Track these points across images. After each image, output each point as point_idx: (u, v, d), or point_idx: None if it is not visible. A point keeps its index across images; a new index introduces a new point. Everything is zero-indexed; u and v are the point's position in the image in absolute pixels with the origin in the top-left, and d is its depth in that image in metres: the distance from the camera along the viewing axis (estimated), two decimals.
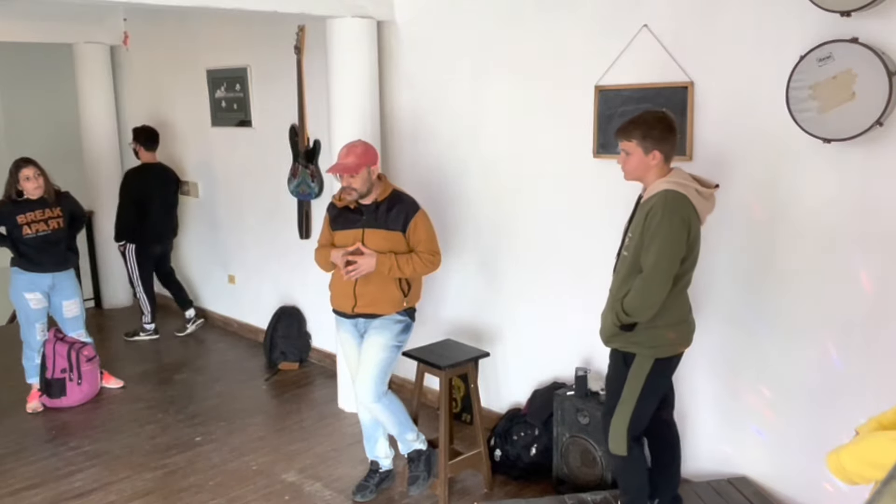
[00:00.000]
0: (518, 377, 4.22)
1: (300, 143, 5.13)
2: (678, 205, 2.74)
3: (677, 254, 2.75)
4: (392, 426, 3.57)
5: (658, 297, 2.76)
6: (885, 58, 2.68)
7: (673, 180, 2.78)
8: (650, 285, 2.74)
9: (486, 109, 4.11)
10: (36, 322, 4.81)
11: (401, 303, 3.48)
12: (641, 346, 2.87)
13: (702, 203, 2.82)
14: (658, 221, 2.72)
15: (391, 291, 3.45)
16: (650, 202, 2.78)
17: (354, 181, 3.36)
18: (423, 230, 3.44)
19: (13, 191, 4.61)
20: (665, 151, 2.81)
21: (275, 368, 5.43)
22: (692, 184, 2.80)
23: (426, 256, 3.43)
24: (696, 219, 2.80)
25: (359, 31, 4.25)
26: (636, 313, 2.80)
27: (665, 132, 2.81)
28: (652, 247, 2.74)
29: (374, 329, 3.50)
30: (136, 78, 6.91)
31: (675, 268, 2.77)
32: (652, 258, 2.73)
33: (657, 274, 2.73)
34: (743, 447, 3.40)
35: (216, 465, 4.06)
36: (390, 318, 3.49)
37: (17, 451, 4.27)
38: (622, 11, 3.45)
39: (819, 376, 3.12)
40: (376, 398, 3.47)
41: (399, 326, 3.52)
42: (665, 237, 2.71)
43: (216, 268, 6.41)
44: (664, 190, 2.76)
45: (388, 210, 3.42)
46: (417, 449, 3.65)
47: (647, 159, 2.82)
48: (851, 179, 2.92)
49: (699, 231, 2.85)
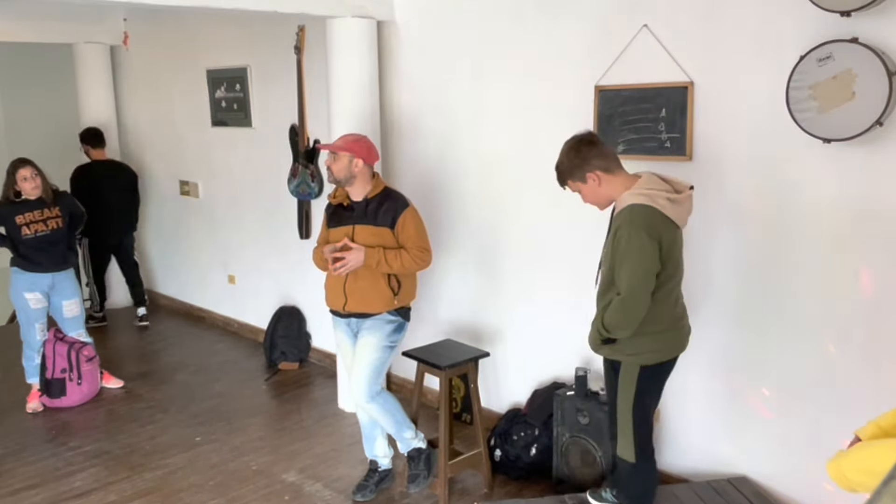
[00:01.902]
0: (518, 377, 4.22)
1: (300, 143, 5.13)
2: (644, 220, 2.66)
3: (650, 270, 2.68)
4: (389, 425, 3.58)
5: (636, 316, 2.72)
6: (885, 58, 2.68)
7: (639, 192, 2.71)
8: (626, 307, 2.71)
9: (486, 109, 4.11)
10: (36, 322, 4.81)
11: (391, 302, 3.46)
12: (624, 354, 2.85)
13: (675, 209, 2.72)
14: (627, 241, 2.66)
15: (381, 289, 3.44)
16: (619, 219, 2.73)
17: (334, 164, 3.40)
18: (411, 226, 3.44)
19: (11, 191, 4.60)
20: (599, 167, 2.76)
21: (275, 368, 5.43)
22: (662, 191, 2.71)
23: (415, 253, 3.42)
24: (669, 228, 2.72)
25: (359, 31, 4.25)
26: (615, 331, 2.77)
27: (581, 153, 2.76)
28: (623, 268, 2.69)
29: (366, 329, 3.50)
30: (136, 78, 6.91)
31: (651, 284, 2.70)
32: (625, 280, 2.69)
33: (632, 295, 2.69)
34: (743, 447, 3.40)
35: (216, 465, 4.06)
36: (382, 318, 3.48)
37: (17, 451, 4.27)
38: (622, 11, 3.45)
39: (819, 376, 3.12)
40: (369, 398, 3.49)
41: (391, 327, 3.51)
42: (635, 256, 2.65)
43: (216, 268, 6.41)
44: (629, 205, 2.70)
45: (377, 207, 3.44)
46: (417, 447, 3.65)
47: (591, 186, 2.79)
48: (851, 179, 2.92)
49: (675, 238, 2.77)
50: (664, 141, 3.37)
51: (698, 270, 3.29)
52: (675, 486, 3.41)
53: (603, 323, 2.80)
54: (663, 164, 3.31)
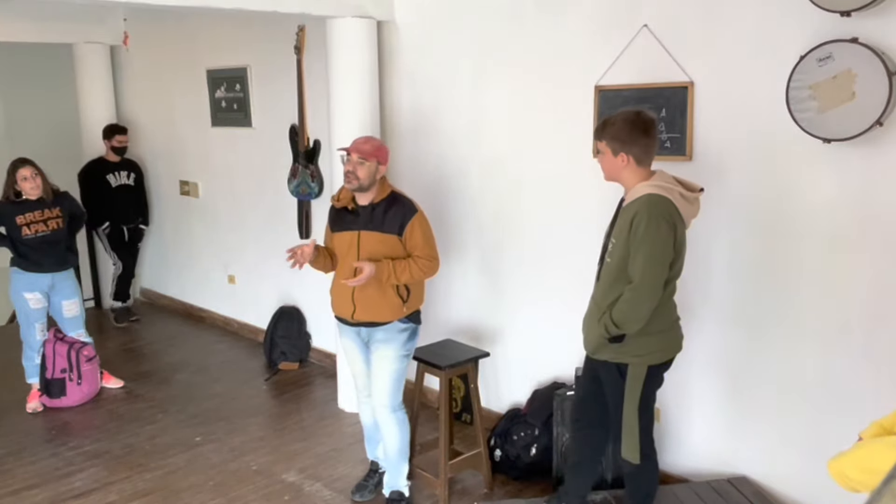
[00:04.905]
0: (518, 377, 4.22)
1: (300, 144, 5.13)
2: (663, 209, 2.67)
3: (666, 259, 2.69)
4: (394, 445, 3.50)
5: (648, 308, 2.70)
6: (885, 58, 2.68)
7: (656, 184, 2.71)
8: (640, 296, 2.68)
9: (486, 109, 4.12)
10: (35, 322, 4.81)
11: (401, 309, 3.37)
12: (632, 356, 2.82)
13: (686, 207, 2.75)
14: (644, 228, 2.64)
15: (389, 297, 3.34)
16: (633, 207, 2.70)
17: (361, 169, 3.25)
18: (419, 234, 3.32)
19: (11, 191, 4.60)
20: (635, 155, 2.73)
21: (275, 368, 5.43)
22: (676, 187, 2.73)
23: (423, 262, 3.31)
24: (681, 223, 2.74)
25: (359, 31, 4.25)
26: (626, 325, 2.73)
27: (634, 135, 2.72)
28: (639, 255, 2.67)
29: (380, 342, 3.41)
30: (136, 78, 6.91)
31: (665, 274, 2.70)
32: (640, 267, 2.66)
33: (647, 283, 2.67)
34: (743, 447, 3.40)
35: (216, 465, 4.06)
36: (393, 327, 3.38)
37: (17, 451, 4.26)
38: (622, 11, 3.46)
39: (819, 376, 3.12)
40: (392, 410, 3.45)
41: (404, 335, 3.42)
42: (653, 243, 2.65)
43: (216, 268, 6.41)
44: (647, 194, 2.69)
45: (384, 212, 3.32)
46: (401, 491, 3.58)
47: (616, 161, 2.76)
48: (851, 179, 2.92)
49: (685, 235, 2.79)
50: (664, 141, 3.37)
51: (698, 270, 3.29)
52: (675, 486, 3.42)
53: (612, 318, 2.75)
54: (663, 164, 3.30)
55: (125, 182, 6.48)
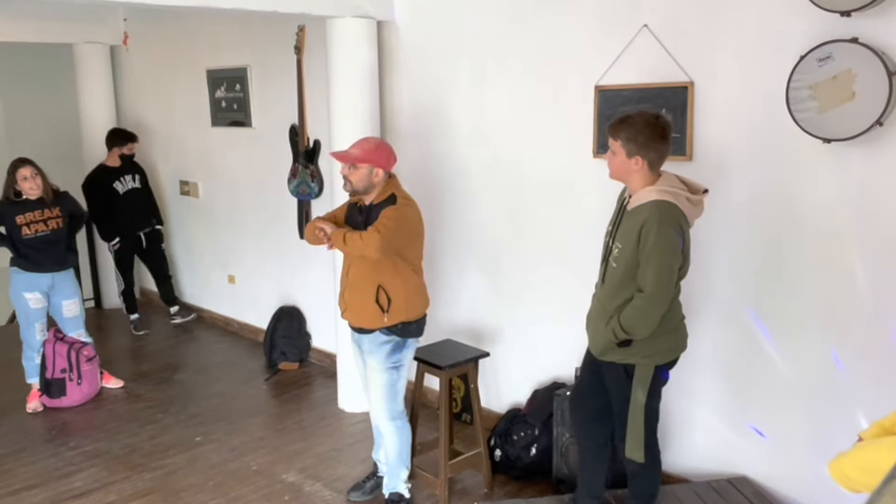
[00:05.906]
0: (518, 377, 4.22)
1: (300, 143, 5.13)
2: (672, 216, 2.67)
3: (675, 266, 2.71)
4: (392, 452, 3.50)
5: (658, 315, 2.71)
6: (885, 58, 2.68)
7: (663, 188, 2.70)
8: (651, 305, 2.68)
9: (485, 110, 4.11)
10: (35, 322, 4.81)
11: (381, 318, 3.25)
12: (641, 356, 2.82)
13: (691, 210, 2.75)
14: (655, 238, 2.63)
15: (367, 303, 3.25)
16: (641, 214, 2.69)
17: (352, 174, 3.23)
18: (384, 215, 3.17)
19: (11, 191, 4.60)
20: (650, 159, 2.71)
21: (275, 368, 5.43)
22: (682, 191, 2.73)
23: (367, 233, 3.13)
24: (687, 227, 2.75)
25: (359, 31, 4.25)
26: (635, 332, 2.73)
27: (652, 139, 2.69)
28: (650, 265, 2.66)
29: (366, 352, 3.40)
30: (136, 78, 6.91)
31: (674, 281, 2.72)
32: (652, 278, 2.66)
33: (658, 293, 2.67)
34: (743, 447, 3.40)
35: (216, 465, 4.06)
36: (376, 337, 3.32)
37: (17, 451, 4.27)
38: (622, 11, 3.45)
39: (819, 376, 3.12)
40: (388, 419, 3.45)
41: (387, 347, 3.33)
42: (662, 252, 2.64)
43: (216, 268, 6.41)
44: (655, 201, 2.68)
45: (376, 212, 3.26)
46: (400, 493, 3.56)
47: (630, 163, 2.73)
48: (851, 179, 2.92)
49: (690, 238, 2.80)
50: None
51: (698, 270, 3.28)
52: (675, 486, 3.41)
53: (621, 324, 2.75)
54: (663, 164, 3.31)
55: (133, 186, 6.21)
